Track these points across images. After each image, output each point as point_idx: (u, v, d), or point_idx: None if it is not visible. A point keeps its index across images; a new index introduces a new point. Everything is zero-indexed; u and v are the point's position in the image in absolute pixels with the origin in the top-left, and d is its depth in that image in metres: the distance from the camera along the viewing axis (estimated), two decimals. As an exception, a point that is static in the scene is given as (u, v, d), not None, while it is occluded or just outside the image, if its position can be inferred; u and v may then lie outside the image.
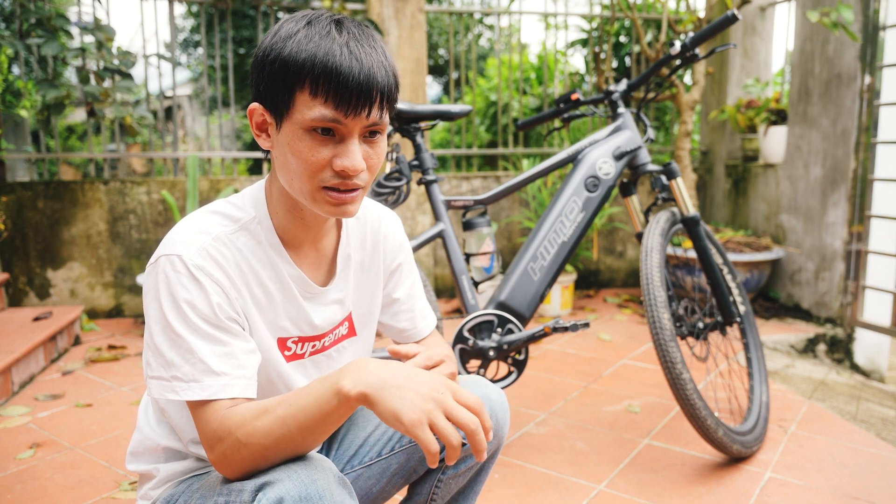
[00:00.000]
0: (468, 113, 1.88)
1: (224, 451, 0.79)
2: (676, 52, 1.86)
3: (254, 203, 0.93)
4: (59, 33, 3.13)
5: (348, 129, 0.83)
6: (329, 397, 0.75)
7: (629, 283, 4.27)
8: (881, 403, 2.40)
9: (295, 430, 0.76)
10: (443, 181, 2.48)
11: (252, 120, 0.88)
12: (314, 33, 0.81)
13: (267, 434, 0.77)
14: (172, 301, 0.82)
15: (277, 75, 0.82)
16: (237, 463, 0.79)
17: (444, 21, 10.23)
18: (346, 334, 1.05)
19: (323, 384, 0.76)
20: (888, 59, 3.02)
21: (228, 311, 0.86)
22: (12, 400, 2.33)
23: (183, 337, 0.81)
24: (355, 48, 0.81)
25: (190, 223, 0.88)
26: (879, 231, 3.08)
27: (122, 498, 1.69)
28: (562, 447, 1.96)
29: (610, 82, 3.79)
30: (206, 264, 0.85)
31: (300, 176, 0.84)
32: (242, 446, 0.78)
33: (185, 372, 0.81)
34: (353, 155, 0.83)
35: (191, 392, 0.81)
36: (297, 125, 0.82)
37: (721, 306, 2.00)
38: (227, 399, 0.82)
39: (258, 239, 0.91)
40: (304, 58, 0.80)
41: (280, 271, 0.93)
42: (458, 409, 0.75)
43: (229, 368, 0.83)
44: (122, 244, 3.40)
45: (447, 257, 1.85)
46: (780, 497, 1.67)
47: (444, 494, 1.08)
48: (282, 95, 0.82)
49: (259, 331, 0.92)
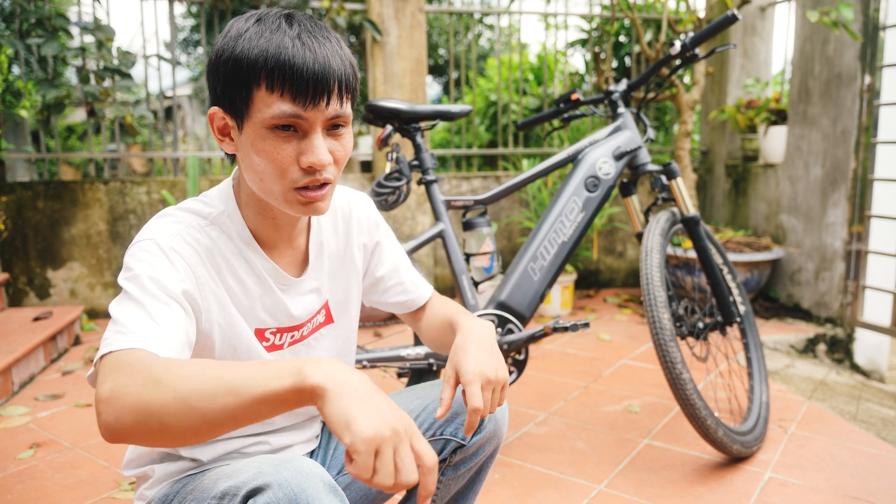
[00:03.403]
0: (468, 113, 1.88)
1: (119, 387, 0.66)
2: (676, 52, 1.86)
3: (221, 199, 0.93)
4: (59, 33, 3.13)
5: (310, 124, 0.82)
6: (284, 373, 0.65)
7: (629, 283, 4.27)
8: (881, 403, 2.40)
9: (219, 390, 0.64)
10: (443, 181, 2.48)
11: (213, 125, 0.87)
12: (264, 29, 0.81)
13: (183, 379, 0.64)
14: (134, 276, 0.79)
15: (232, 75, 0.81)
16: (128, 409, 0.65)
17: (444, 21, 10.22)
18: (323, 322, 1.05)
19: (283, 362, 0.68)
20: (888, 59, 3.02)
21: (193, 296, 0.84)
22: (12, 400, 2.33)
23: (138, 300, 0.77)
24: (307, 39, 0.80)
25: (162, 219, 0.88)
26: (879, 231, 3.08)
27: (121, 498, 1.69)
28: (562, 447, 1.96)
29: (610, 82, 3.79)
30: (179, 246, 0.84)
31: (269, 177, 0.84)
32: (154, 385, 0.65)
33: (129, 325, 0.73)
34: (318, 149, 0.83)
35: (126, 340, 0.71)
36: (258, 125, 0.81)
37: (721, 306, 2.00)
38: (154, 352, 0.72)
39: (229, 234, 0.91)
40: (255, 54, 0.79)
41: (254, 264, 0.93)
42: (408, 455, 0.66)
43: (177, 336, 0.76)
44: (122, 244, 3.40)
45: (447, 257, 1.85)
46: (780, 497, 1.67)
47: (444, 495, 1.08)
48: (239, 95, 0.81)
49: (235, 320, 0.92)
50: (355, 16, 3.60)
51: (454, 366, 0.92)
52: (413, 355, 1.78)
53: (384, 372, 2.36)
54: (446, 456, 1.04)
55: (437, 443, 1.04)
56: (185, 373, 0.66)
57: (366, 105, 1.84)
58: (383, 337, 3.20)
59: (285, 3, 3.61)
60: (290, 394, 0.64)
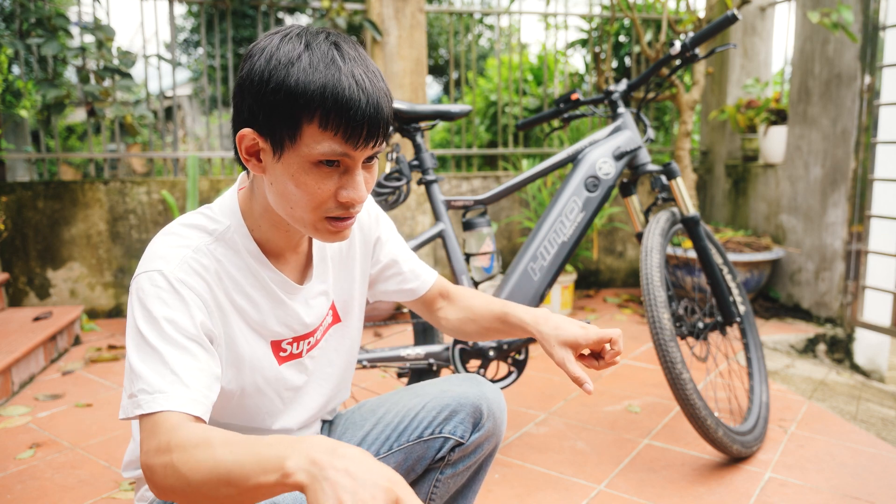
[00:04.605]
0: (468, 113, 1.88)
1: (157, 468, 0.72)
2: (676, 52, 1.86)
3: (227, 213, 0.92)
4: (59, 33, 3.13)
5: (354, 162, 0.82)
6: (270, 468, 0.65)
7: (629, 283, 4.27)
8: (881, 403, 2.40)
9: (220, 480, 0.67)
10: (443, 181, 2.48)
11: (241, 145, 0.83)
12: (316, 60, 0.78)
13: (194, 469, 0.69)
14: (149, 317, 0.80)
15: (282, 106, 0.78)
16: (164, 487, 0.72)
17: (444, 21, 10.22)
18: (331, 322, 1.06)
19: (271, 450, 0.66)
20: (888, 59, 3.02)
21: (209, 327, 0.85)
22: (12, 400, 2.33)
23: (156, 348, 0.78)
24: (361, 77, 0.79)
25: (168, 238, 0.87)
26: (879, 231, 3.08)
27: (121, 498, 1.69)
28: (562, 447, 1.96)
29: (610, 82, 3.79)
30: (187, 277, 0.84)
31: (303, 206, 0.83)
32: (173, 471, 0.70)
33: (153, 382, 0.76)
34: (359, 186, 0.83)
35: (155, 403, 0.75)
36: (303, 158, 0.80)
37: (721, 306, 2.00)
38: (186, 414, 0.75)
39: (235, 248, 0.91)
40: (313, 90, 0.77)
41: (261, 277, 0.93)
42: None
43: (199, 385, 0.78)
44: (122, 244, 3.40)
45: (447, 257, 1.85)
46: (780, 497, 1.67)
47: (443, 494, 1.08)
48: (286, 126, 0.79)
49: (245, 339, 0.92)
50: (355, 16, 3.60)
51: (565, 342, 0.98)
52: (413, 355, 1.78)
53: (384, 372, 2.36)
54: (445, 454, 1.04)
55: (436, 441, 1.04)
56: (196, 459, 0.69)
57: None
58: (383, 337, 3.20)
59: (286, 3, 3.61)
60: (278, 487, 0.65)
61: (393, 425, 1.06)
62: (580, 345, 0.98)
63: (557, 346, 0.98)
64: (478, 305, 1.15)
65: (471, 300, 1.17)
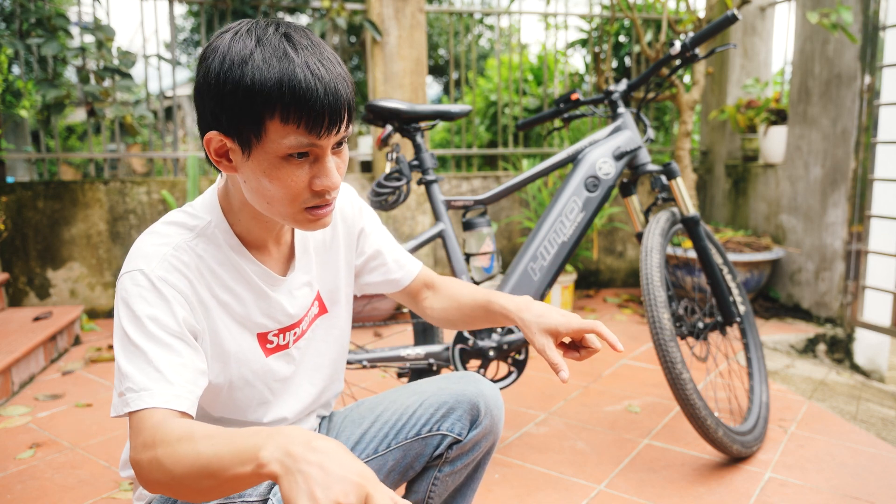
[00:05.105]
0: (468, 113, 1.88)
1: (144, 463, 0.74)
2: (676, 52, 1.86)
3: (208, 209, 0.93)
4: (59, 33, 3.13)
5: (322, 150, 0.83)
6: (246, 459, 0.66)
7: (629, 283, 4.27)
8: (881, 403, 2.40)
9: (202, 472, 0.69)
10: (443, 181, 2.48)
11: (209, 148, 0.84)
12: (269, 55, 0.78)
13: (177, 462, 0.71)
14: (133, 316, 0.81)
15: (242, 106, 0.79)
16: (150, 481, 0.74)
17: (444, 21, 10.22)
18: (318, 313, 1.07)
19: (247, 441, 0.67)
20: (888, 59, 3.02)
21: (192, 323, 0.86)
22: (12, 400, 2.33)
23: (141, 347, 0.80)
24: (315, 66, 0.79)
25: (149, 237, 0.89)
26: (879, 231, 3.08)
27: (121, 498, 1.69)
28: (562, 447, 1.96)
29: (610, 82, 3.79)
30: (168, 275, 0.85)
31: (279, 200, 0.84)
32: (158, 465, 0.72)
33: (138, 381, 0.78)
34: (331, 173, 0.84)
35: (140, 401, 0.77)
36: (271, 153, 0.81)
37: (721, 306, 2.00)
38: (171, 410, 0.77)
39: (217, 243, 0.92)
40: (269, 86, 0.77)
41: (243, 270, 0.94)
42: None
43: (183, 381, 0.80)
44: (122, 244, 3.40)
45: (447, 257, 1.85)
46: (780, 497, 1.67)
47: (442, 492, 1.08)
48: (250, 125, 0.80)
49: (230, 333, 0.93)
50: (355, 16, 3.60)
51: (546, 330, 0.98)
52: (413, 355, 1.78)
53: (384, 372, 2.36)
54: (443, 451, 1.05)
55: (434, 438, 1.04)
56: (179, 453, 0.71)
57: (366, 105, 1.84)
58: (383, 337, 3.20)
59: (286, 3, 3.61)
60: (255, 477, 0.66)
61: (391, 423, 1.06)
62: (560, 332, 0.98)
63: (538, 333, 0.99)
64: (462, 294, 1.16)
65: (455, 289, 1.18)
